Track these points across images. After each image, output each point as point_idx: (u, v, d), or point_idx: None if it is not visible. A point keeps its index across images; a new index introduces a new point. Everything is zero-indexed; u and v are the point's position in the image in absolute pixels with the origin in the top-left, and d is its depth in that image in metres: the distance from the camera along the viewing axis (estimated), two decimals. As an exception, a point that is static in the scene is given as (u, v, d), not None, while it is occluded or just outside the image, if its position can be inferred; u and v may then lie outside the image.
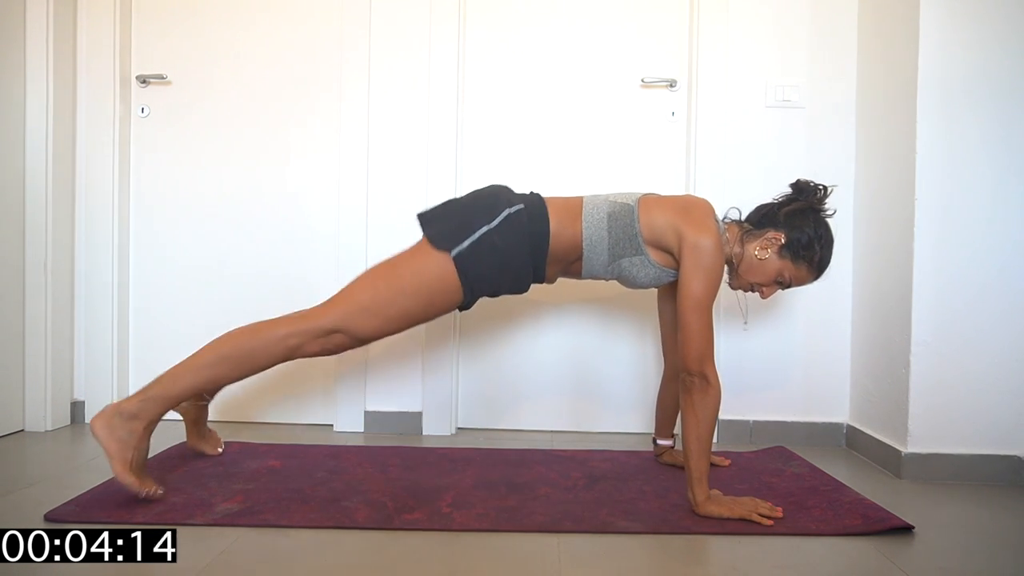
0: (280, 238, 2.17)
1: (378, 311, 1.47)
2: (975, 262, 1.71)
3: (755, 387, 2.09)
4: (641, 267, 1.52)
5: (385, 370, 2.12)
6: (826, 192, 1.55)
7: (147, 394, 1.42)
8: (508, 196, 1.54)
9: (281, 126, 2.16)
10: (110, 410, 1.39)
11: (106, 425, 1.38)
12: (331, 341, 1.49)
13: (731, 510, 1.38)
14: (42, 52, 2.02)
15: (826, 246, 1.53)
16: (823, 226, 1.53)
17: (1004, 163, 1.70)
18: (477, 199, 1.54)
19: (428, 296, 1.49)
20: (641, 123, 2.14)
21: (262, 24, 2.16)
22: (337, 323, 1.47)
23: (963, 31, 1.70)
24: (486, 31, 2.14)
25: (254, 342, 1.46)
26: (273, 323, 1.48)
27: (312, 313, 1.49)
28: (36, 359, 2.04)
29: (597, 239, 1.52)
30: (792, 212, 1.52)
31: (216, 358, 1.45)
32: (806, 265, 1.53)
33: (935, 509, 1.50)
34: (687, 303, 1.41)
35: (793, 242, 1.51)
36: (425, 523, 1.34)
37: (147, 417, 1.41)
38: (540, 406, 2.16)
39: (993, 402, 1.71)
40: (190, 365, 1.45)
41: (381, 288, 1.48)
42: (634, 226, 1.50)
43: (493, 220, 1.48)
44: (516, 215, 1.49)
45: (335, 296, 1.51)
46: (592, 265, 1.55)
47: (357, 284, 1.51)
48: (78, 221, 2.15)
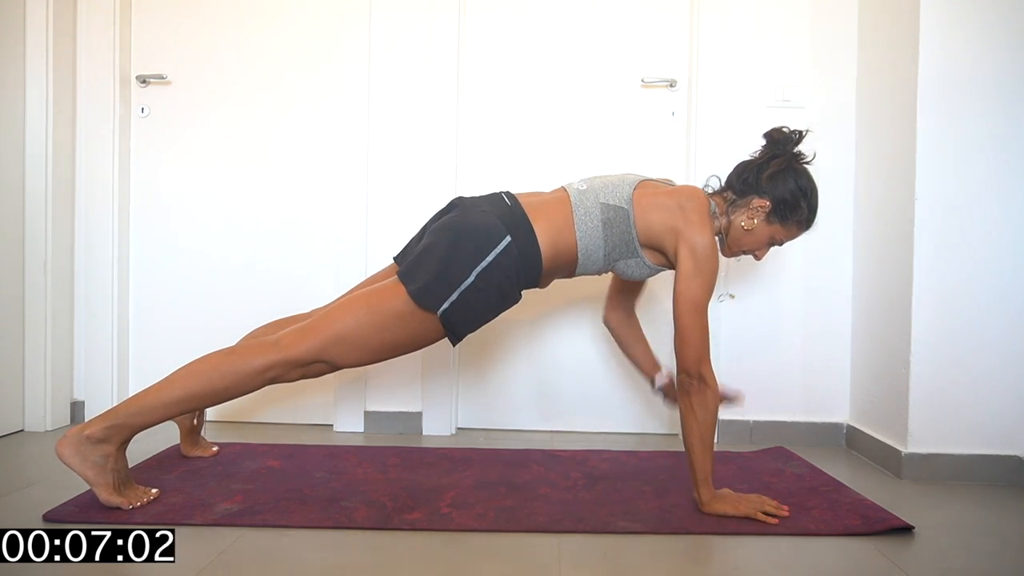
0: (280, 237, 2.17)
1: (359, 344, 1.40)
2: (975, 262, 1.71)
3: (755, 387, 2.09)
4: (636, 267, 1.52)
5: (385, 370, 2.12)
6: (800, 137, 1.50)
7: (114, 420, 1.34)
8: (489, 232, 1.41)
9: (281, 125, 2.16)
10: (75, 436, 1.32)
11: (76, 452, 1.31)
12: (311, 370, 1.41)
13: (736, 508, 1.38)
14: (42, 52, 2.02)
15: (812, 198, 1.50)
16: (804, 178, 1.49)
17: (1004, 162, 1.70)
18: (457, 245, 1.40)
19: (412, 336, 1.43)
20: (641, 123, 2.14)
21: (262, 24, 2.16)
22: (316, 354, 1.38)
23: (963, 31, 1.70)
24: (486, 31, 2.14)
25: (228, 378, 1.36)
26: (247, 353, 1.38)
27: (289, 342, 1.38)
28: (36, 359, 2.04)
29: (593, 248, 1.49)
30: (774, 175, 1.47)
31: (186, 395, 1.36)
32: (795, 223, 1.51)
33: (935, 509, 1.50)
34: (685, 306, 1.40)
35: (780, 206, 1.48)
36: (424, 523, 1.34)
37: (117, 442, 1.35)
38: (540, 406, 2.16)
39: (993, 402, 1.71)
40: (159, 400, 1.36)
41: (363, 321, 1.39)
42: (631, 232, 1.47)
43: (478, 266, 1.38)
44: (504, 254, 1.40)
45: (312, 323, 1.41)
46: (586, 269, 1.54)
47: (336, 313, 1.41)
48: (78, 221, 2.15)
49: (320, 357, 1.39)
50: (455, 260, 1.39)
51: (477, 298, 1.40)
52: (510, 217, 1.45)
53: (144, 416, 1.36)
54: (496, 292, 1.42)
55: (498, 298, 1.44)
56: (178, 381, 1.37)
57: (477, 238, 1.40)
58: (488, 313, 1.46)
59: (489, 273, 1.39)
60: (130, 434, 1.37)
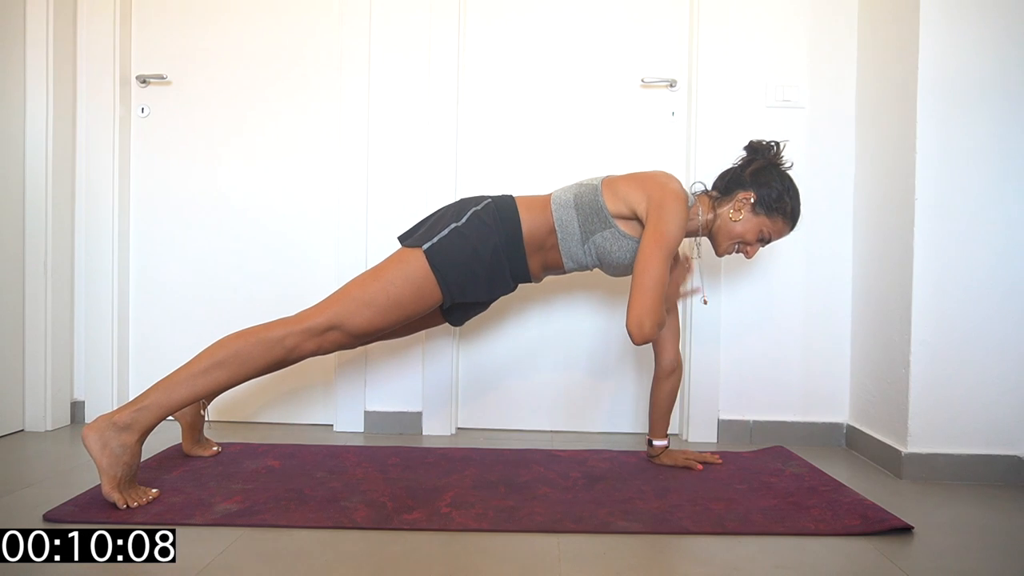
0: (281, 237, 2.17)
1: (368, 301, 1.51)
2: (975, 262, 1.71)
3: (755, 387, 2.09)
4: (614, 240, 1.59)
5: (385, 370, 2.12)
6: (780, 147, 1.64)
7: (143, 403, 1.39)
8: (475, 198, 1.64)
9: (281, 125, 2.16)
10: (103, 422, 1.37)
11: (99, 438, 1.36)
12: (327, 339, 1.51)
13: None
14: (42, 52, 2.03)
15: (794, 196, 1.62)
16: (787, 178, 1.62)
17: (1004, 163, 1.70)
18: (446, 208, 1.64)
19: (415, 287, 1.54)
20: (641, 123, 2.14)
21: (262, 24, 2.16)
22: (331, 319, 1.50)
23: (963, 31, 1.70)
24: (486, 31, 2.14)
25: (250, 346, 1.46)
26: (267, 326, 1.50)
27: (305, 314, 1.51)
28: (36, 359, 2.04)
29: (567, 219, 1.60)
30: (756, 171, 1.61)
31: (212, 364, 1.44)
32: (781, 217, 1.62)
33: (935, 509, 1.50)
34: (647, 240, 1.50)
35: (764, 197, 1.60)
36: (424, 523, 1.34)
37: (141, 428, 1.39)
38: (540, 406, 2.16)
39: (993, 402, 1.71)
40: (187, 373, 1.43)
41: (370, 283, 1.54)
42: (598, 200, 1.59)
43: (461, 219, 1.58)
44: (483, 209, 1.59)
45: (326, 298, 1.55)
46: (569, 247, 1.63)
47: (346, 285, 1.56)
48: (78, 221, 2.15)
49: (333, 321, 1.50)
50: (443, 217, 1.61)
51: (459, 241, 1.55)
52: (494, 196, 1.65)
53: (172, 392, 1.41)
54: (477, 239, 1.55)
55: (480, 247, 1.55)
56: (203, 354, 1.46)
57: (463, 202, 1.63)
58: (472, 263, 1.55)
59: (470, 222, 1.57)
60: (156, 418, 1.41)
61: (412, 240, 1.58)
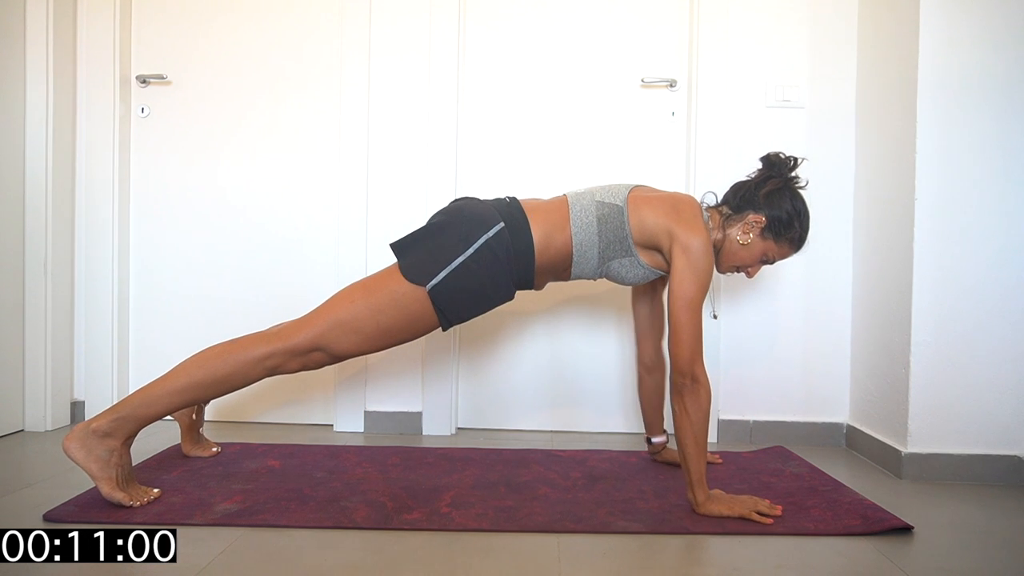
0: (280, 237, 2.17)
1: (357, 328, 1.42)
2: (975, 262, 1.71)
3: (755, 387, 2.09)
4: (630, 268, 1.53)
5: (385, 370, 2.12)
6: (796, 163, 1.56)
7: (120, 413, 1.36)
8: (484, 217, 1.45)
9: (281, 125, 2.16)
10: (81, 430, 1.34)
11: (81, 446, 1.34)
12: (311, 359, 1.44)
13: (731, 508, 1.39)
14: (42, 52, 2.02)
15: (805, 220, 1.55)
16: (799, 200, 1.54)
17: (1004, 162, 1.70)
18: (451, 225, 1.45)
19: (407, 318, 1.44)
20: (641, 123, 2.14)
21: (262, 24, 2.16)
22: (316, 341, 1.42)
23: (963, 31, 1.70)
24: (486, 31, 2.14)
25: (229, 367, 1.40)
26: (249, 343, 1.43)
27: (288, 331, 1.43)
28: (36, 359, 2.04)
29: (588, 244, 1.50)
30: (770, 193, 1.53)
31: (190, 383, 1.39)
32: (788, 242, 1.55)
33: (935, 509, 1.50)
34: (679, 303, 1.41)
35: (774, 222, 1.52)
36: (424, 523, 1.34)
37: (122, 435, 1.37)
38: (540, 406, 2.16)
39: (993, 402, 1.71)
40: (164, 390, 1.39)
41: (359, 305, 1.43)
42: (624, 228, 1.49)
43: (469, 248, 1.42)
44: (496, 238, 1.43)
45: (311, 313, 1.46)
46: (581, 269, 1.54)
47: (334, 300, 1.46)
48: (78, 221, 2.15)
49: (318, 344, 1.43)
50: (448, 239, 1.43)
51: (467, 279, 1.42)
52: (507, 209, 1.49)
53: (149, 407, 1.38)
54: (487, 275, 1.43)
55: (489, 284, 1.44)
56: (181, 371, 1.41)
57: (471, 221, 1.45)
58: (479, 299, 1.45)
59: (480, 254, 1.42)
60: (135, 428, 1.39)
61: (413, 272, 1.43)
